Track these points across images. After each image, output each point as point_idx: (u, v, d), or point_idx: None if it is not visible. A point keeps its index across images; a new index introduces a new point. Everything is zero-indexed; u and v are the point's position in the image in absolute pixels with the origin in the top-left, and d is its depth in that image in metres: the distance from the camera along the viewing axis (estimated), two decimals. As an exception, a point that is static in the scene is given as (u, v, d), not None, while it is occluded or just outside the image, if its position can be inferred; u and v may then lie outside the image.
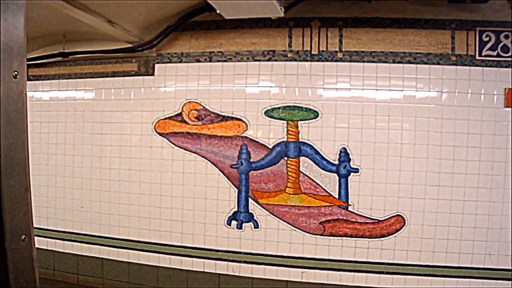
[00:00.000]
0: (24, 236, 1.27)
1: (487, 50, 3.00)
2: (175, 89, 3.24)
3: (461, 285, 2.97)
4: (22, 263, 0.88)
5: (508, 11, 2.92)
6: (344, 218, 3.03)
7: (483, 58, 3.00)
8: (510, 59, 2.99)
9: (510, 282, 2.93)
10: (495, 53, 2.99)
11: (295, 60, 3.08)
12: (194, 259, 3.21)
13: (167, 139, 3.24)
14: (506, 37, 2.99)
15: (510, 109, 2.95)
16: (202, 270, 3.20)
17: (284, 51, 3.11)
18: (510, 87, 2.95)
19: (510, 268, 2.95)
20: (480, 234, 2.94)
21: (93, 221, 3.42)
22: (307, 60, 3.07)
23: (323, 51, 3.07)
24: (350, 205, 3.03)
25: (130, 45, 3.25)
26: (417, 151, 2.98)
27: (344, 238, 3.05)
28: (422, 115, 2.99)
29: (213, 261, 3.18)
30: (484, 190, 2.94)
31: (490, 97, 2.97)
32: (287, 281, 3.10)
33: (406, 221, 3.00)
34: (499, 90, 2.96)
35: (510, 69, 2.97)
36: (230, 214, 3.16)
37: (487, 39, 3.00)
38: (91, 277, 3.46)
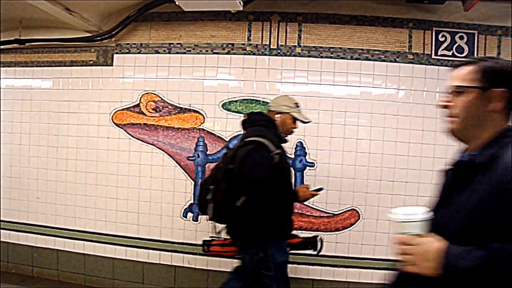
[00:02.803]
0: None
1: (442, 50, 3.08)
2: (133, 80, 3.20)
3: (414, 279, 3.03)
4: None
5: (463, 13, 3.00)
6: (299, 211, 3.06)
7: (439, 57, 3.07)
8: (464, 59, 3.06)
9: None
10: (450, 53, 3.07)
11: (254, 53, 3.09)
12: (150, 251, 3.18)
13: (125, 130, 3.20)
14: (461, 38, 3.07)
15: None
16: (158, 262, 3.18)
17: (243, 44, 3.11)
18: (464, 86, 3.03)
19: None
20: (433, 229, 3.02)
21: (49, 212, 3.36)
22: (265, 54, 3.08)
23: (282, 45, 3.08)
24: (305, 199, 3.06)
25: (88, 34, 3.20)
26: (372, 146, 3.04)
27: (299, 231, 3.07)
28: (378, 111, 3.04)
29: (169, 253, 3.17)
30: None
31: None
32: (242, 273, 3.11)
33: (360, 216, 3.05)
34: (454, 89, 3.03)
35: (464, 69, 3.04)
36: (186, 206, 3.15)
37: (443, 39, 3.08)
38: (46, 269, 3.40)
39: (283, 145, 2.27)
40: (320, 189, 2.35)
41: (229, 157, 2.10)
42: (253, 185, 1.99)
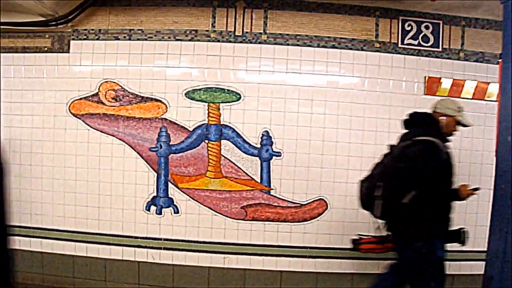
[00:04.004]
0: None
1: (409, 38, 3.09)
2: (91, 67, 3.04)
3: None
4: None
5: (429, 3, 3.02)
6: (266, 202, 3.00)
7: (405, 46, 3.08)
8: (430, 48, 3.10)
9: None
10: (416, 42, 3.09)
11: (218, 40, 3.00)
12: (112, 246, 3.05)
13: (83, 120, 3.04)
14: (427, 27, 3.10)
15: (429, 96, 3.06)
16: (120, 258, 3.05)
17: (207, 31, 3.01)
18: (430, 75, 3.06)
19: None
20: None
21: (3, 209, 3.16)
22: (230, 41, 2.99)
23: (247, 32, 3.00)
24: (272, 189, 3.01)
25: (43, 19, 3.00)
26: (339, 135, 3.02)
27: (266, 222, 3.02)
28: (345, 100, 3.03)
29: (132, 249, 3.04)
30: (403, 175, 3.03)
31: (411, 85, 3.06)
32: (209, 267, 3.03)
33: (328, 205, 3.03)
34: (420, 78, 3.06)
35: (430, 58, 3.07)
36: (149, 199, 3.03)
37: (409, 28, 3.09)
38: (1, 270, 3.20)
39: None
40: (477, 189, 2.32)
41: (396, 155, 2.22)
42: (426, 180, 2.09)
